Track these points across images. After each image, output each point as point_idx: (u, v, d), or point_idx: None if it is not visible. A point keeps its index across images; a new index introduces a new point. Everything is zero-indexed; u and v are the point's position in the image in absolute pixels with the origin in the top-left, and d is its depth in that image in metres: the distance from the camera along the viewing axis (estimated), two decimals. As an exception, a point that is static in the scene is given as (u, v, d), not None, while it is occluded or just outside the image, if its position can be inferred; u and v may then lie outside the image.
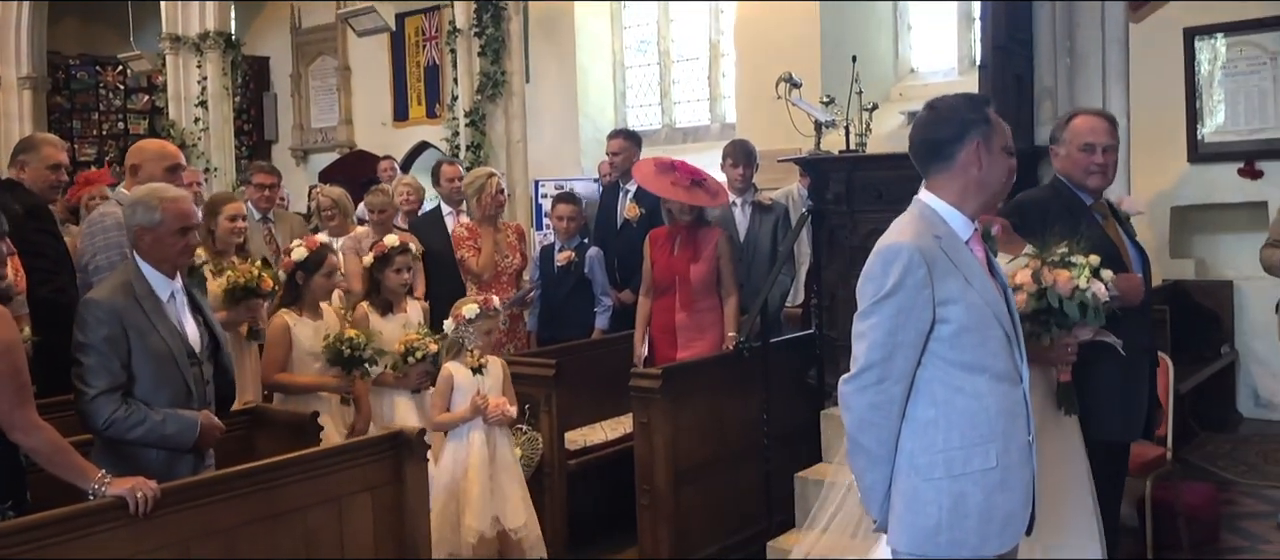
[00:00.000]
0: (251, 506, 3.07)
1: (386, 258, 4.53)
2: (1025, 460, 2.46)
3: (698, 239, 5.04)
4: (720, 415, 4.61)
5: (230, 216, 4.74)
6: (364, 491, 3.38)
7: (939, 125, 2.48)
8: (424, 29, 11.27)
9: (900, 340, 2.37)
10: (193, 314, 3.24)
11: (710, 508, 4.54)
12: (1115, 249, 3.29)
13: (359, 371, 4.18)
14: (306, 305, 4.30)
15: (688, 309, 5.03)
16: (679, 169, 5.02)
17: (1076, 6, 4.92)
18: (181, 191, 3.27)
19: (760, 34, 8.31)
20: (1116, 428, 3.27)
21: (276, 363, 4.20)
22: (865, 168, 4.84)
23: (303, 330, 4.23)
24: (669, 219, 5.18)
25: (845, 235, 4.83)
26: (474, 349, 4.26)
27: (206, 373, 3.21)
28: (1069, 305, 2.88)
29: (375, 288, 4.57)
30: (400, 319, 4.56)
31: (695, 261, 5.00)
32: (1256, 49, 6.75)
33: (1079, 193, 3.39)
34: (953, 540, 2.39)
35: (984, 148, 2.45)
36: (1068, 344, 2.98)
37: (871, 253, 2.46)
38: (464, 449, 4.15)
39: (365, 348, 4.15)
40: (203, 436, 3.11)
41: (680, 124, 10.09)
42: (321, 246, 4.35)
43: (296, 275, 4.29)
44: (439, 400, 4.23)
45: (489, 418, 4.17)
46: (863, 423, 2.43)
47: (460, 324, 4.25)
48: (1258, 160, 6.68)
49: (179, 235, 3.13)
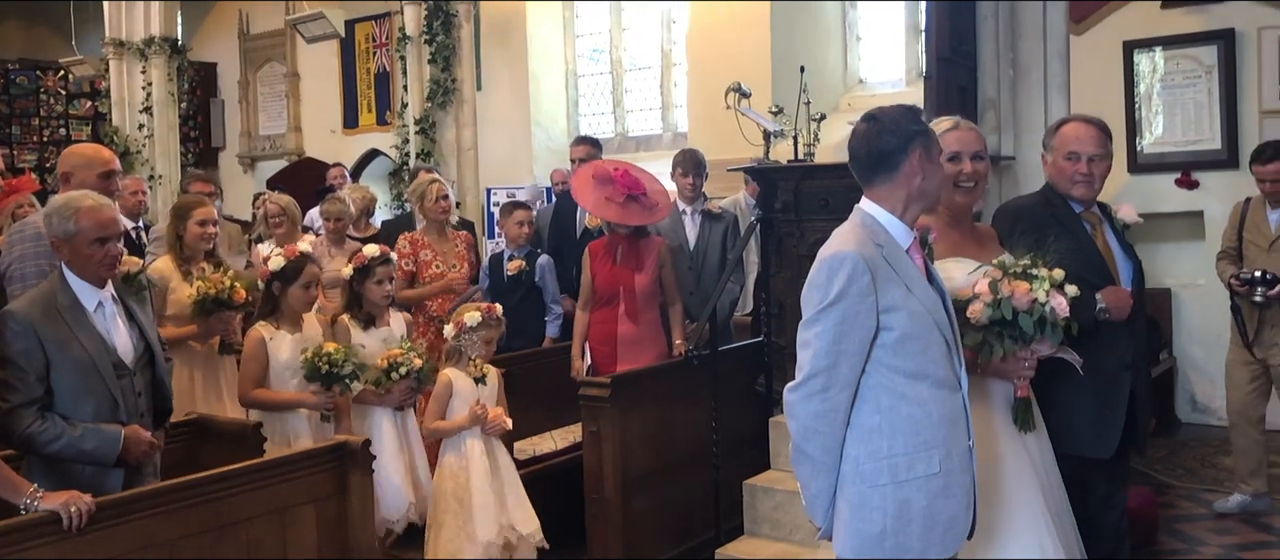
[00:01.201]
0: (192, 519, 3.02)
1: (367, 269, 4.34)
2: (966, 465, 2.50)
3: (640, 249, 5.01)
4: (670, 423, 4.62)
5: (199, 221, 4.62)
6: (308, 503, 3.35)
7: (883, 136, 2.52)
8: (374, 35, 11.18)
9: (844, 348, 2.40)
10: (126, 324, 3.16)
11: (660, 516, 4.54)
12: (1102, 259, 3.19)
13: (339, 387, 4.00)
14: (285, 318, 4.11)
15: (633, 320, 4.98)
16: (617, 181, 4.95)
17: (1019, 20, 5.01)
18: (101, 200, 3.15)
19: (711, 44, 8.37)
20: (1086, 443, 3.11)
21: (253, 378, 4.03)
22: (813, 177, 4.88)
23: (280, 344, 4.06)
24: (608, 229, 5.13)
25: (793, 243, 4.87)
26: (476, 358, 4.15)
27: (138, 384, 3.14)
28: (1024, 318, 2.69)
29: (356, 300, 4.39)
30: (382, 333, 4.39)
31: (639, 272, 4.96)
32: (1192, 62, 6.93)
33: (1070, 200, 3.25)
34: (897, 545, 2.42)
35: (925, 157, 2.51)
36: (1023, 359, 2.78)
37: (815, 261, 2.49)
38: (463, 460, 4.04)
39: (345, 363, 3.97)
40: (128, 450, 3.04)
41: (633, 133, 10.11)
42: (301, 255, 4.12)
43: (273, 286, 4.10)
44: (436, 406, 4.10)
45: (487, 428, 4.08)
46: (808, 430, 2.45)
47: (461, 331, 4.13)
48: (1194, 170, 6.86)
49: (97, 245, 3.05)
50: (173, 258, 4.65)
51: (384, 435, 4.22)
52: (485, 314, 4.14)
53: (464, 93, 9.06)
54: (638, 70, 10.08)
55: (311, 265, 4.14)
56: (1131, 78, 7.10)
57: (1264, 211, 5.11)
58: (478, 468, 4.02)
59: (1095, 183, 3.23)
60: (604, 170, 5.07)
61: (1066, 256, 2.86)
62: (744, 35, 8.13)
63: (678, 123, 9.68)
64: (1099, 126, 3.27)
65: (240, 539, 3.12)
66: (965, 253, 2.92)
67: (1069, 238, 3.08)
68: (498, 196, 9.03)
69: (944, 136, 2.94)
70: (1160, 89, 7.06)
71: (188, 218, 4.62)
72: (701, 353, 4.55)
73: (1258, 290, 4.93)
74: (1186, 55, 6.96)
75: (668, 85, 9.82)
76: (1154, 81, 7.09)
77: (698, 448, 4.61)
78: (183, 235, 4.61)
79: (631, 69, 10.12)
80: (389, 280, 4.39)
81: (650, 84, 10.01)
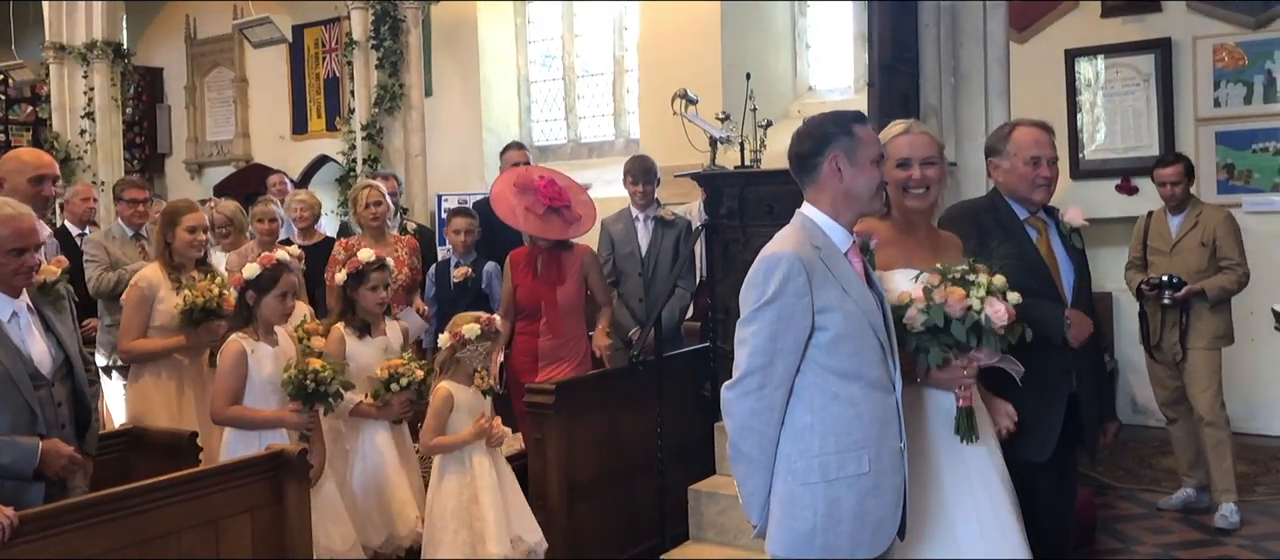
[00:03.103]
0: (120, 532, 2.94)
1: (361, 275, 4.09)
2: (896, 466, 2.53)
3: (562, 261, 4.86)
4: (615, 430, 4.61)
5: (189, 228, 4.43)
6: (243, 513, 3.28)
7: (803, 140, 2.59)
8: (324, 41, 11.07)
9: (780, 347, 2.44)
10: (42, 334, 3.08)
11: (604, 522, 4.53)
12: (1046, 266, 3.20)
13: (322, 406, 3.74)
14: (260, 329, 3.82)
15: (555, 333, 4.85)
16: (540, 191, 4.81)
17: (960, 27, 5.09)
18: (20, 209, 3.04)
19: (663, 50, 8.39)
20: (1023, 447, 3.06)
21: (231, 393, 3.70)
22: (757, 183, 4.91)
23: (262, 358, 3.76)
24: (529, 240, 4.98)
25: (738, 249, 4.89)
26: (480, 370, 3.98)
27: (57, 395, 3.06)
28: (956, 326, 2.61)
29: (349, 308, 4.14)
30: (380, 343, 4.15)
31: (561, 284, 4.82)
32: (1131, 71, 7.07)
33: (1016, 205, 3.25)
34: (827, 544, 2.46)
35: (844, 160, 2.54)
36: (962, 367, 2.68)
37: (754, 262, 2.53)
38: (468, 474, 3.84)
39: (332, 380, 3.70)
40: (47, 464, 2.95)
41: (585, 139, 10.10)
42: (277, 263, 3.81)
43: (247, 295, 3.80)
44: (435, 422, 3.86)
45: (491, 442, 3.91)
46: (744, 428, 2.49)
47: (458, 343, 3.91)
48: (1133, 177, 6.99)
49: (12, 255, 2.95)
50: (161, 265, 4.45)
51: (383, 450, 4.03)
52: (485, 326, 3.95)
53: (412, 98, 8.97)
54: (590, 76, 10.08)
55: (288, 274, 3.86)
56: (1073, 85, 7.23)
57: (1165, 220, 5.34)
58: (486, 482, 3.83)
59: (1053, 184, 3.27)
60: (527, 178, 4.93)
61: (1010, 263, 2.83)
62: (695, 42, 8.17)
63: (630, 129, 9.68)
64: (1048, 129, 3.33)
65: (170, 551, 3.04)
66: (918, 260, 2.85)
67: (1012, 244, 3.08)
68: (450, 203, 8.97)
69: (894, 141, 2.95)
70: (1101, 97, 7.20)
71: (177, 224, 4.44)
72: (646, 358, 4.55)
73: (1166, 294, 5.11)
74: (1125, 64, 7.10)
75: (620, 92, 9.83)
76: (1096, 89, 7.22)
77: (644, 454, 4.61)
78: (171, 242, 4.43)
79: (584, 75, 10.12)
80: (384, 287, 4.14)
81: (603, 90, 10.01)
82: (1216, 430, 5.08)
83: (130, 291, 4.43)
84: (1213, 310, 5.12)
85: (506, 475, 3.99)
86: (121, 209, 5.61)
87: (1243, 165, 6.76)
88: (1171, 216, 5.31)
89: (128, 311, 4.39)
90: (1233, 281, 5.12)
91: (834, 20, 8.63)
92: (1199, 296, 5.10)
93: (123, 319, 4.43)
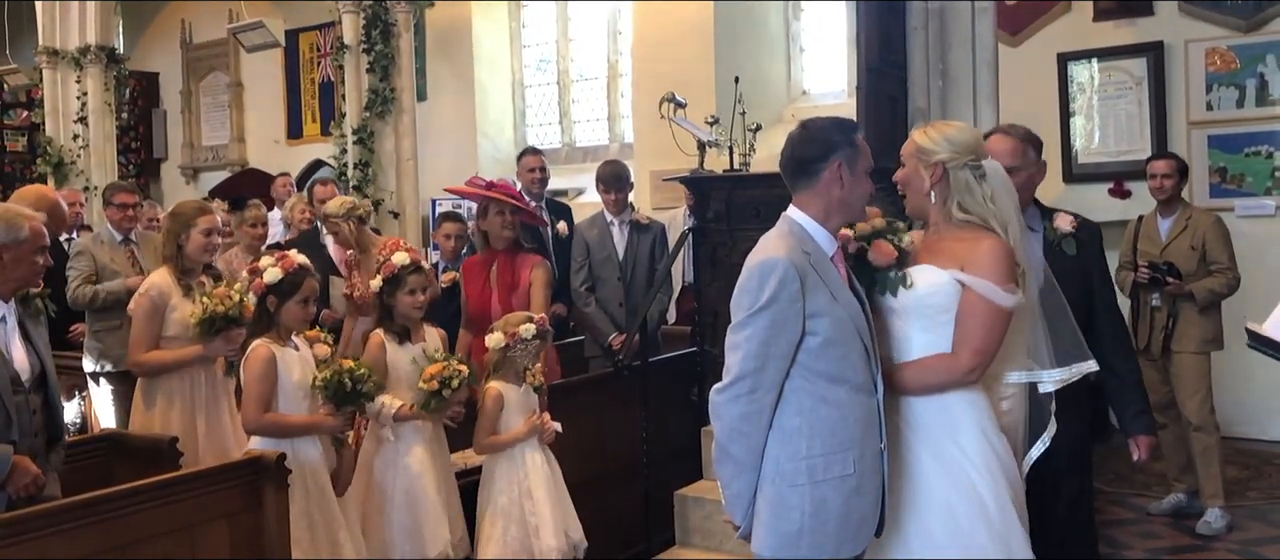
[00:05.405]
0: (95, 537, 2.92)
1: (397, 279, 3.91)
2: (877, 467, 2.57)
3: (516, 266, 4.68)
4: (600, 434, 4.59)
5: (204, 231, 4.24)
6: (220, 519, 3.26)
7: (807, 144, 2.60)
8: (319, 45, 11.08)
9: (773, 352, 2.46)
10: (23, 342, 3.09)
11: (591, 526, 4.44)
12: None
13: (355, 408, 3.63)
14: (281, 335, 3.68)
15: None
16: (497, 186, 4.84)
17: (949, 30, 5.06)
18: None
19: (657, 55, 8.39)
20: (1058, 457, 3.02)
21: (263, 400, 3.52)
22: (745, 187, 4.89)
23: (290, 363, 3.61)
24: (483, 244, 4.82)
25: (726, 253, 4.87)
26: (530, 368, 3.95)
27: (33, 404, 3.07)
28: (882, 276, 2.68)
29: (387, 313, 3.97)
30: (418, 348, 3.98)
31: (514, 291, 4.63)
32: (1124, 74, 7.05)
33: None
34: (813, 544, 2.50)
35: (846, 169, 2.57)
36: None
37: (745, 266, 2.54)
38: (520, 470, 3.84)
39: (366, 380, 3.59)
40: (13, 479, 2.93)
41: (580, 143, 10.10)
42: (300, 268, 3.67)
43: (267, 300, 3.65)
44: (487, 422, 3.84)
45: (544, 438, 3.92)
46: (733, 432, 2.52)
47: (514, 343, 3.86)
48: (1126, 180, 6.96)
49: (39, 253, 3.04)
50: (171, 271, 4.22)
51: (420, 468, 3.84)
52: (539, 326, 3.92)
53: (403, 102, 8.97)
54: (584, 81, 10.09)
55: (310, 279, 3.72)
56: (1066, 88, 7.21)
57: (1156, 222, 5.35)
58: (539, 477, 3.84)
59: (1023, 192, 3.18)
60: (478, 182, 4.95)
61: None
62: (689, 46, 8.18)
63: (624, 133, 9.69)
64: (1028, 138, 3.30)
65: (145, 555, 3.02)
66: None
67: None
68: (444, 207, 8.96)
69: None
70: (1095, 100, 7.18)
71: (191, 226, 4.22)
72: (631, 363, 4.53)
73: (1164, 279, 5.08)
74: (1118, 67, 7.08)
75: (614, 96, 9.83)
76: (1089, 92, 7.21)
77: (630, 458, 4.59)
78: (184, 246, 4.21)
79: (578, 79, 10.13)
80: (422, 290, 3.95)
81: (597, 94, 10.01)
82: (1205, 435, 5.06)
83: (139, 301, 4.18)
84: (1201, 314, 5.10)
85: (556, 470, 3.99)
86: (111, 213, 5.59)
87: (1235, 169, 6.73)
88: (1161, 220, 5.30)
89: (138, 322, 4.14)
90: (1222, 285, 5.10)
91: (827, 24, 8.63)
92: (1187, 299, 5.08)
93: (133, 331, 4.18)
